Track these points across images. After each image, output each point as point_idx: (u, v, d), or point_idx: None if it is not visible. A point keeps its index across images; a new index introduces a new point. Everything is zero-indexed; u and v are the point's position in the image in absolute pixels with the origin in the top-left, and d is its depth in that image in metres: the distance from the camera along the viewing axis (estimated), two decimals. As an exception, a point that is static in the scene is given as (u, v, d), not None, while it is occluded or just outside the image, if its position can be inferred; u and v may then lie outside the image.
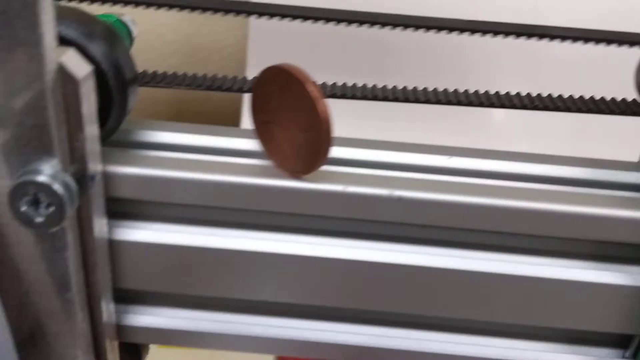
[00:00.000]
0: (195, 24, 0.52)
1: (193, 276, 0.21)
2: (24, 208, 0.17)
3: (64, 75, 0.17)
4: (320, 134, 0.18)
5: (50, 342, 0.21)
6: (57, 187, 0.17)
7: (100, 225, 0.20)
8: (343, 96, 0.22)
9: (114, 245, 0.21)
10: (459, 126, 0.39)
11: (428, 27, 0.23)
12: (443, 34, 0.23)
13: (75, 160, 0.18)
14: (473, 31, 0.22)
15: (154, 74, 0.23)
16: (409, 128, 0.37)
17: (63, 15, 0.19)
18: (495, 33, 0.22)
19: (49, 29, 0.16)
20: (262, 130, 0.20)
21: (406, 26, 0.23)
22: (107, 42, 0.19)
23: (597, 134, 0.36)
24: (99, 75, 0.19)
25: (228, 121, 0.51)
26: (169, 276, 0.21)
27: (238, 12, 0.23)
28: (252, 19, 0.47)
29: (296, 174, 0.20)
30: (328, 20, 0.23)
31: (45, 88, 0.16)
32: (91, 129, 0.18)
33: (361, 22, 0.23)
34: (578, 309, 0.21)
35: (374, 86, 0.23)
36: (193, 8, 0.23)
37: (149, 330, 0.22)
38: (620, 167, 0.21)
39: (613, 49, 0.22)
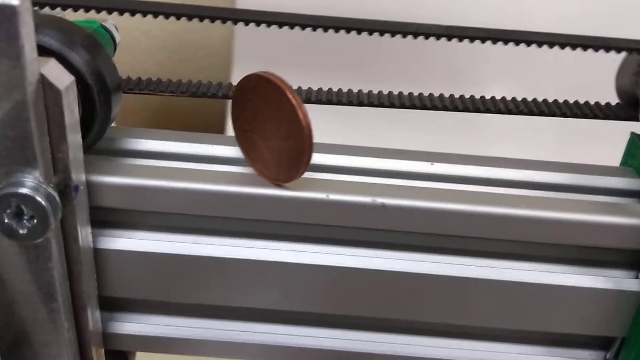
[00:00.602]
0: (181, 20, 0.52)
1: (177, 283, 0.21)
2: (6, 220, 0.17)
3: (46, 86, 0.17)
4: (301, 141, 0.18)
5: (37, 351, 0.20)
6: (40, 198, 0.17)
7: (84, 235, 0.20)
8: (329, 102, 0.22)
9: (98, 254, 0.21)
10: (445, 130, 0.39)
11: (415, 34, 0.22)
12: (431, 40, 0.22)
13: (58, 171, 0.18)
14: (460, 38, 0.22)
15: (138, 80, 0.23)
16: (395, 133, 0.37)
17: (42, 24, 0.18)
18: (483, 39, 0.22)
19: (29, 40, 0.16)
20: (243, 138, 0.20)
21: (392, 33, 0.23)
22: (89, 51, 0.19)
23: (582, 136, 0.36)
24: (81, 84, 0.19)
25: (216, 125, 0.51)
26: (154, 284, 0.21)
27: (224, 20, 0.23)
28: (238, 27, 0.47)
29: (278, 182, 0.20)
30: (313, 27, 0.23)
31: (26, 99, 0.16)
32: (74, 139, 0.18)
33: (347, 29, 0.23)
34: (561, 313, 0.21)
35: (359, 91, 0.23)
36: (179, 15, 0.23)
37: (134, 338, 0.22)
38: (601, 172, 0.22)
39: (600, 53, 0.22)
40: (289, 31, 0.22)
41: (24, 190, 0.17)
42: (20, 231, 0.17)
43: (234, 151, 0.21)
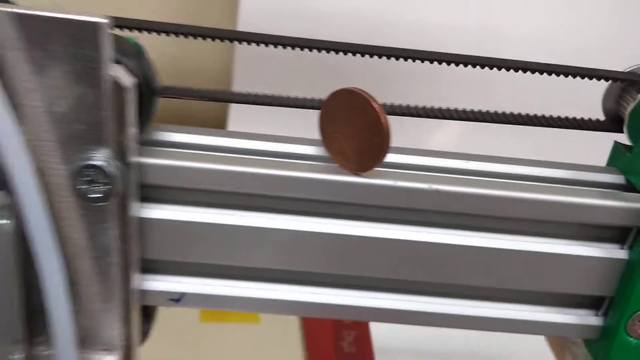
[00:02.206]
0: (180, 45, 0.58)
1: (208, 249, 0.27)
2: (82, 186, 0.22)
3: (116, 85, 0.22)
4: (381, 140, 0.24)
5: (89, 303, 0.25)
6: (111, 169, 0.22)
7: (134, 205, 0.25)
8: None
9: (142, 222, 0.26)
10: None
11: (396, 57, 0.28)
12: (417, 63, 0.28)
13: (119, 152, 0.23)
14: (448, 62, 0.28)
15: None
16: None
17: (108, 39, 0.24)
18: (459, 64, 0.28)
19: (107, 50, 0.21)
20: (328, 138, 0.26)
21: (379, 55, 0.28)
22: (137, 59, 0.25)
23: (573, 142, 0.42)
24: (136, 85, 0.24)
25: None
26: (185, 248, 0.27)
27: (223, 39, 0.28)
28: (237, 46, 0.53)
29: (356, 172, 0.25)
30: (310, 48, 0.28)
31: (102, 94, 0.22)
32: (132, 128, 0.23)
33: (335, 51, 0.28)
34: (566, 277, 0.27)
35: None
36: (179, 34, 0.28)
37: (165, 294, 0.27)
38: (594, 170, 0.28)
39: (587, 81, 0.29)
40: (285, 56, 0.27)
41: (97, 162, 0.22)
42: (92, 195, 0.22)
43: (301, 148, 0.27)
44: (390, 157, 0.27)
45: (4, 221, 0.21)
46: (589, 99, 0.31)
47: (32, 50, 0.21)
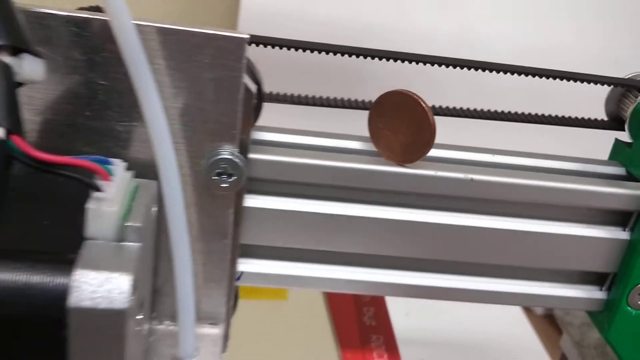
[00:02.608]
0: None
1: (305, 236, 0.30)
2: (215, 177, 0.26)
3: (246, 91, 0.26)
4: (428, 135, 0.29)
5: (201, 280, 0.29)
6: (239, 162, 0.26)
7: (244, 195, 0.28)
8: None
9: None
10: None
11: (401, 59, 0.32)
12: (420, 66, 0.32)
13: (242, 148, 0.27)
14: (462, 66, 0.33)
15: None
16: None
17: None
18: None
19: (244, 61, 0.25)
20: (376, 133, 0.30)
21: (379, 58, 0.32)
22: (255, 69, 0.28)
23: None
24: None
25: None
26: (281, 235, 0.30)
27: None
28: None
29: (401, 163, 0.30)
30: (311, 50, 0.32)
31: (239, 98, 0.25)
32: (251, 128, 0.27)
33: (333, 52, 0.31)
34: (573, 255, 0.32)
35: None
36: None
37: (260, 275, 0.31)
38: (598, 163, 0.33)
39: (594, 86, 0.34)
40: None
41: (229, 157, 0.26)
42: (223, 184, 0.26)
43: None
44: (433, 152, 0.31)
45: (155, 207, 0.25)
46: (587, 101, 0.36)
47: (180, 61, 0.24)
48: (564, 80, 0.32)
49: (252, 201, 0.30)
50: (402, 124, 0.29)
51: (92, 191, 0.20)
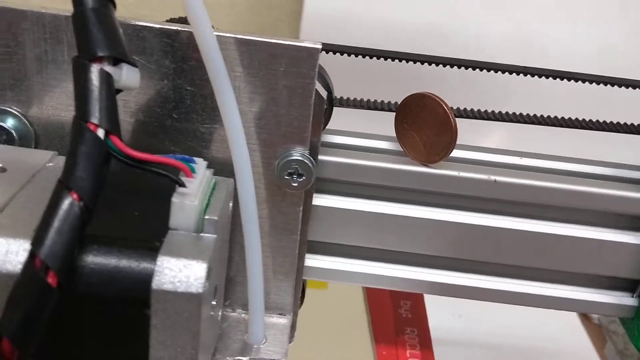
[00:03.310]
0: None
1: (359, 233, 0.32)
2: (287, 176, 0.28)
3: (318, 97, 0.28)
4: (450, 136, 0.30)
5: (271, 273, 0.31)
6: (309, 163, 0.28)
7: (313, 194, 0.30)
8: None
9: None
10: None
11: (458, 65, 0.33)
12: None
13: (313, 149, 0.29)
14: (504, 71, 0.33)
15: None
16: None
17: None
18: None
19: (316, 71, 0.27)
20: (402, 134, 0.31)
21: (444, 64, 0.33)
22: (326, 75, 0.30)
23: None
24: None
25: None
26: (344, 232, 0.32)
27: None
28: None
29: (425, 164, 0.31)
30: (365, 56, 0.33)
31: (310, 103, 0.27)
32: (321, 132, 0.29)
33: (391, 58, 0.33)
34: (605, 261, 0.32)
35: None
36: None
37: (325, 270, 0.33)
38: (633, 167, 0.33)
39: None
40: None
41: (300, 158, 0.28)
42: (294, 184, 0.28)
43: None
44: (456, 153, 0.32)
45: (231, 202, 0.27)
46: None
47: (258, 69, 0.26)
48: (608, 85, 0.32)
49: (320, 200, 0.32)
50: (426, 125, 0.30)
51: (177, 186, 0.22)
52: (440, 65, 0.33)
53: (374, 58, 0.33)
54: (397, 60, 0.33)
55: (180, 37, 0.26)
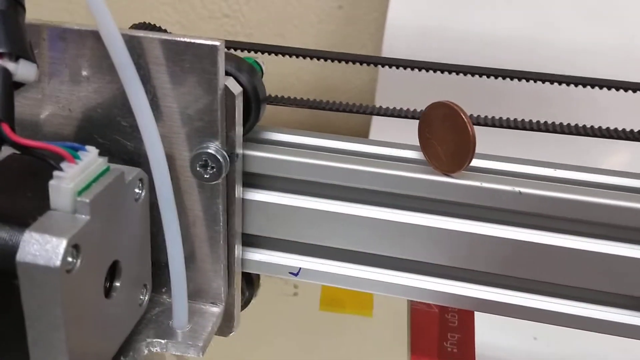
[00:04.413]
0: (328, 68, 0.65)
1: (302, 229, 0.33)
2: (198, 168, 0.29)
3: (227, 92, 0.29)
4: (468, 146, 0.29)
5: (198, 264, 0.32)
6: (219, 156, 0.29)
7: (238, 187, 0.31)
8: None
9: (244, 203, 0.32)
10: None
11: (528, 79, 0.33)
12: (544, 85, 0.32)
13: (228, 144, 0.30)
14: (584, 85, 0.32)
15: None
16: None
17: (226, 57, 0.31)
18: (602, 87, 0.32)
19: (221, 66, 0.28)
20: (425, 143, 0.31)
21: (519, 79, 0.33)
22: (250, 74, 0.31)
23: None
24: (245, 95, 0.31)
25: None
26: (280, 227, 0.33)
27: (369, 64, 0.34)
28: (380, 68, 0.60)
29: (447, 173, 0.31)
30: (444, 71, 0.34)
31: (217, 99, 0.28)
32: (239, 127, 0.30)
33: (471, 74, 0.33)
34: (630, 279, 0.30)
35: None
36: (331, 59, 0.35)
37: (262, 264, 0.34)
38: None
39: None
40: (423, 82, 0.32)
41: (210, 151, 0.29)
42: (205, 175, 0.29)
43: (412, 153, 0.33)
44: (481, 163, 0.32)
45: (142, 191, 0.28)
46: None
47: (168, 65, 0.28)
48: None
49: (254, 195, 0.33)
50: (446, 135, 0.30)
51: (56, 171, 0.24)
52: (508, 79, 0.33)
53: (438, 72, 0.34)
54: (462, 74, 0.33)
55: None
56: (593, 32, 0.58)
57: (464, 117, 0.29)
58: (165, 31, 0.35)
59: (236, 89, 0.29)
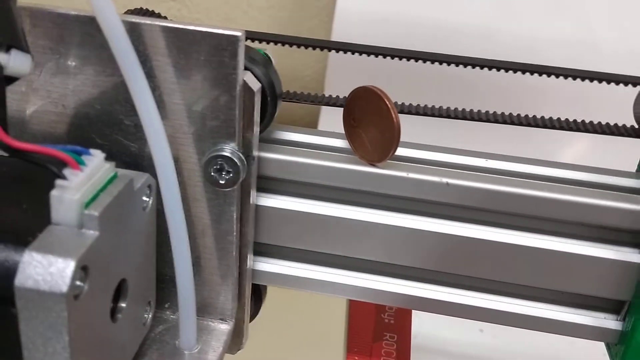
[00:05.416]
0: (277, 55, 0.63)
1: (309, 236, 0.30)
2: (212, 173, 0.26)
3: (245, 88, 0.26)
4: (392, 133, 0.27)
5: (207, 276, 0.29)
6: (236, 160, 0.26)
7: (253, 193, 0.28)
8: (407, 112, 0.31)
9: (257, 209, 0.30)
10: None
11: (483, 67, 0.31)
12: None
13: (245, 146, 0.27)
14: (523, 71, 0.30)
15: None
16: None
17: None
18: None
19: (241, 59, 0.25)
20: (350, 132, 0.29)
21: (472, 66, 0.31)
22: (265, 67, 0.28)
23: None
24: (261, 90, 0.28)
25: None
26: (291, 235, 0.30)
27: (322, 48, 0.32)
28: (331, 54, 0.58)
29: (373, 163, 0.28)
30: (395, 57, 0.31)
31: (235, 95, 0.25)
32: (256, 127, 0.27)
33: (423, 60, 0.31)
34: (583, 278, 0.29)
35: (433, 106, 0.31)
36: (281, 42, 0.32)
37: (273, 275, 0.31)
38: (622, 174, 0.29)
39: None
40: (373, 69, 0.30)
41: (226, 154, 0.26)
42: (221, 181, 0.26)
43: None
44: (408, 152, 0.30)
45: (150, 199, 0.25)
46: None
47: (178, 57, 0.25)
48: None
49: (269, 201, 0.30)
50: (370, 122, 0.28)
51: (58, 179, 0.21)
52: (461, 66, 0.31)
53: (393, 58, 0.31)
54: (413, 61, 0.31)
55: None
56: (551, 21, 0.57)
57: (387, 102, 0.27)
58: (165, 18, 0.31)
59: (255, 84, 0.26)
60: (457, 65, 0.31)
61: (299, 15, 0.63)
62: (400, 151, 0.29)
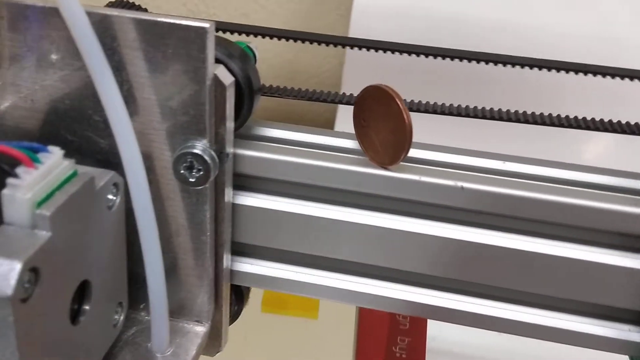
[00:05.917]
0: (294, 50, 0.62)
1: (292, 237, 0.29)
2: (182, 171, 0.25)
3: (217, 83, 0.25)
4: (404, 135, 0.26)
5: (183, 278, 0.28)
6: (206, 157, 0.25)
7: (228, 191, 0.27)
8: (426, 111, 0.30)
9: (234, 208, 0.29)
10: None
11: (504, 63, 0.29)
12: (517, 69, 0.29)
13: (217, 142, 0.26)
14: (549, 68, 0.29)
15: (270, 87, 0.31)
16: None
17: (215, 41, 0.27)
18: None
19: (211, 52, 0.24)
20: (360, 132, 0.28)
21: (495, 62, 0.29)
22: (242, 61, 0.27)
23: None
24: (236, 84, 0.27)
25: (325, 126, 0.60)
26: (272, 235, 0.29)
27: (336, 44, 0.31)
28: (348, 50, 0.56)
29: (384, 166, 0.27)
30: (412, 54, 0.30)
31: (205, 90, 0.24)
32: (229, 122, 0.26)
33: (442, 57, 0.29)
34: (608, 288, 0.27)
35: (451, 105, 0.30)
36: (296, 39, 0.31)
37: (253, 276, 0.30)
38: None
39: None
40: (391, 65, 0.28)
41: (196, 151, 0.25)
42: (191, 179, 0.25)
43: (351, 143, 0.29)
44: (421, 154, 0.28)
45: (117, 198, 0.24)
46: None
47: (147, 50, 0.24)
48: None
49: (246, 199, 0.29)
50: (382, 122, 0.26)
51: (10, 177, 0.20)
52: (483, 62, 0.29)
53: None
54: (432, 57, 0.29)
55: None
56: (572, 16, 0.55)
57: (398, 102, 0.25)
58: (145, 10, 0.30)
59: (227, 78, 0.25)
60: (478, 62, 0.29)
61: (318, 8, 0.62)
62: (412, 152, 0.28)
